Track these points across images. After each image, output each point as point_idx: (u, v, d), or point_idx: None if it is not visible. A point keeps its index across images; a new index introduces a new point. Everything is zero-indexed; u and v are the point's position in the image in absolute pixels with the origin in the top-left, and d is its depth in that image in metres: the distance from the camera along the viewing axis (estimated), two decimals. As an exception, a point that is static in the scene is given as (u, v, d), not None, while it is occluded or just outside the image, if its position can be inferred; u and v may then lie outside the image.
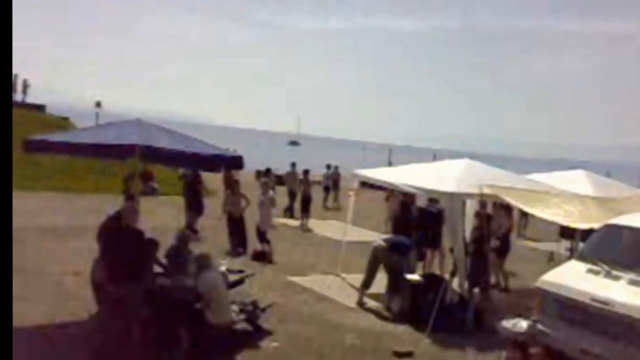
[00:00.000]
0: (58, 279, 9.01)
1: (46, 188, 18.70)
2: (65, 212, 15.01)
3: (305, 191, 17.31)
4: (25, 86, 33.98)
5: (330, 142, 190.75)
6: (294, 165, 19.36)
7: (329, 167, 22.52)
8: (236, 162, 7.50)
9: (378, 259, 9.04)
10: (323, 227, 16.04)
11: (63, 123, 26.31)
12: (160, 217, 13.05)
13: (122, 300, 6.02)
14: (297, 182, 18.24)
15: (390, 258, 8.95)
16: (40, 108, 31.54)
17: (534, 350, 6.95)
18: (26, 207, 15.22)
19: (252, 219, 12.41)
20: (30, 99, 33.73)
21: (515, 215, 16.06)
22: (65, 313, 7.41)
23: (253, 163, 19.12)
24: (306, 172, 18.36)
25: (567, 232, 10.94)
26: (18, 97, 32.63)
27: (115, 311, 6.10)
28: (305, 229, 15.97)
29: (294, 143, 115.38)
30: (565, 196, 9.06)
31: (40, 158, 18.05)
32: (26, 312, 7.30)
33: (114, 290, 6.11)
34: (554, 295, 6.71)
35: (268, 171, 18.94)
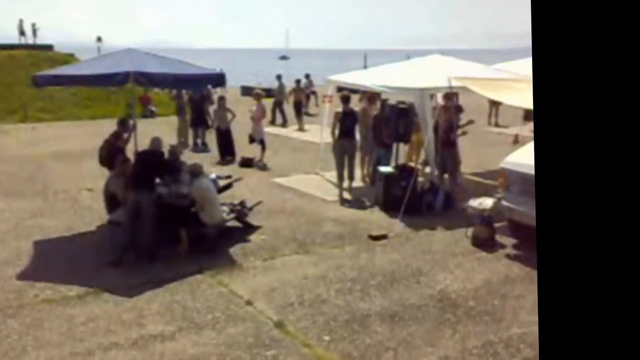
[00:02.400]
0: (73, 195, 9.20)
1: (58, 118, 18.67)
2: (76, 138, 14.98)
3: (297, 98, 17.74)
4: (34, 29, 32.60)
5: (318, 53, 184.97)
6: (279, 77, 19.36)
7: (307, 76, 22.02)
8: (219, 80, 7.59)
9: (340, 152, 9.10)
10: (304, 132, 15.97)
11: (69, 59, 25.34)
12: (159, 136, 12.85)
13: (138, 206, 6.36)
14: (284, 92, 18.64)
15: (345, 147, 9.05)
16: (48, 47, 30.43)
17: (498, 224, 6.97)
18: (42, 136, 15.37)
19: (237, 130, 12.43)
20: (40, 41, 32.39)
21: (485, 104, 15.81)
22: (82, 224, 7.62)
23: (245, 80, 18.71)
24: (298, 82, 18.85)
25: (530, 115, 10.71)
26: (29, 39, 31.59)
27: (132, 215, 6.41)
28: (301, 129, 16.42)
29: (284, 57, 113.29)
30: (528, 81, 8.67)
31: (51, 92, 17.94)
32: (49, 226, 7.59)
33: (134, 197, 6.40)
34: (517, 173, 6.57)
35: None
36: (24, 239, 6.97)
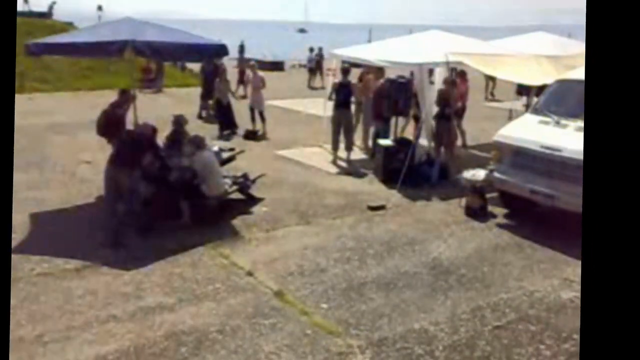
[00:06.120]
0: (71, 168, 9.00)
1: (57, 89, 18.34)
2: (75, 109, 14.75)
3: (240, 68, 18.06)
4: (30, -5, 31.75)
5: (336, 27, 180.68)
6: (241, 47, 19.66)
7: (311, 49, 21.52)
8: (221, 50, 7.34)
9: (335, 122, 9.53)
10: (307, 105, 15.89)
11: (67, 27, 24.66)
12: (161, 107, 12.80)
13: (116, 183, 6.14)
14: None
15: (340, 117, 9.41)
16: (45, 15, 29.57)
17: (490, 195, 7.13)
18: (39, 107, 15.15)
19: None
20: (36, 8, 31.64)
21: (482, 79, 15.82)
22: (80, 196, 7.51)
23: (261, 54, 18.76)
24: (241, 50, 19.40)
25: (523, 90, 10.81)
26: (32, 7, 30.86)
27: (117, 193, 6.23)
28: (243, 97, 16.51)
29: (302, 30, 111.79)
30: (522, 57, 8.80)
31: (49, 62, 17.59)
32: (46, 198, 7.41)
33: (112, 173, 6.22)
34: (508, 146, 6.73)
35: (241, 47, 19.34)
36: (19, 212, 6.47)
